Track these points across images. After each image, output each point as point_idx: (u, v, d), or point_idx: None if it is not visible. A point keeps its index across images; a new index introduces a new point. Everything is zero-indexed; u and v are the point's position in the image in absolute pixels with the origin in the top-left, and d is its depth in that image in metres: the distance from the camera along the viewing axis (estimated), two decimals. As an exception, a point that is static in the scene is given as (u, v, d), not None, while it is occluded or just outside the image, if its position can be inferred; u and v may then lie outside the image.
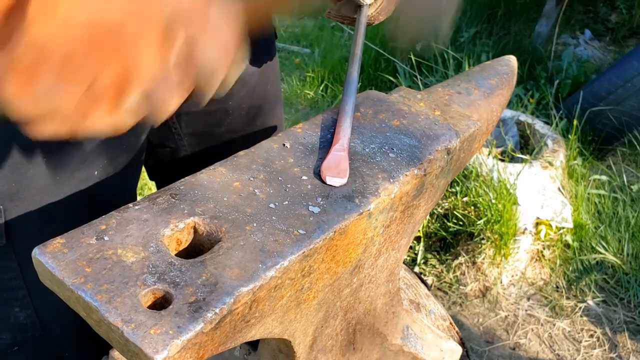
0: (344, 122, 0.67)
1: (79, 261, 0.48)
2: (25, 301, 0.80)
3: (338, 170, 0.61)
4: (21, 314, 0.81)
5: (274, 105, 1.10)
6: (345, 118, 0.67)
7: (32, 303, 0.81)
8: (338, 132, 0.66)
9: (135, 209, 0.54)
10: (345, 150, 0.63)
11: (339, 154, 0.63)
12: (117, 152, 0.82)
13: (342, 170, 0.61)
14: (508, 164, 2.08)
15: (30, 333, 0.83)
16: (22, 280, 0.79)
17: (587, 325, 1.91)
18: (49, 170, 0.74)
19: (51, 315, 0.83)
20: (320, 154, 0.64)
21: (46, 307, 0.82)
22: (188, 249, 0.54)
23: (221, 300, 0.46)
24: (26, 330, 0.82)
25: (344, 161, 0.62)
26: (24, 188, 0.74)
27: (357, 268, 0.65)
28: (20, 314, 0.81)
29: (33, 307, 0.81)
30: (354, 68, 0.73)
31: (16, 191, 0.73)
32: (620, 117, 2.48)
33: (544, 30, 3.16)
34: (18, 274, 0.78)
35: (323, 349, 0.69)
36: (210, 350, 0.47)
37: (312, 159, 0.63)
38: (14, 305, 0.80)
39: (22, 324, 0.82)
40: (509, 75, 0.89)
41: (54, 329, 0.84)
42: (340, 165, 0.61)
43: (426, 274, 2.06)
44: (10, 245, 0.76)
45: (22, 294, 0.80)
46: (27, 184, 0.73)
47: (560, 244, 2.07)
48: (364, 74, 3.04)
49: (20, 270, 0.78)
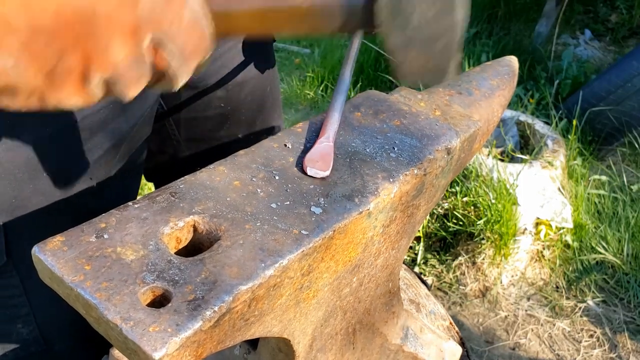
0: (331, 116, 0.67)
1: (78, 259, 0.48)
2: (28, 318, 0.80)
3: (321, 162, 0.61)
4: (24, 330, 0.80)
5: (273, 109, 1.09)
6: (333, 113, 0.68)
7: (34, 319, 0.80)
8: (325, 125, 0.66)
9: (135, 207, 0.54)
10: (330, 142, 0.63)
11: (323, 145, 0.63)
12: (117, 162, 0.82)
13: (326, 162, 0.61)
14: (508, 164, 2.08)
15: (34, 348, 0.82)
16: (25, 297, 0.78)
17: (587, 325, 1.91)
18: (49, 185, 0.74)
19: (54, 330, 0.83)
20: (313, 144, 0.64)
21: (49, 321, 0.81)
22: (188, 248, 0.54)
23: (220, 299, 0.46)
24: (29, 345, 0.82)
25: (329, 153, 0.62)
26: (25, 204, 0.73)
27: (356, 267, 0.64)
28: (23, 330, 0.80)
29: (36, 323, 0.80)
30: (347, 68, 0.73)
31: (16, 207, 0.72)
32: (620, 117, 2.48)
33: (544, 30, 3.16)
34: (21, 291, 0.77)
35: (322, 348, 0.69)
36: (209, 349, 0.47)
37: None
38: (17, 322, 0.80)
39: (25, 340, 0.81)
40: (509, 75, 0.89)
41: (56, 342, 0.84)
42: (323, 157, 0.61)
43: (426, 274, 2.06)
44: (11, 263, 0.75)
45: (24, 311, 0.79)
46: (27, 200, 0.73)
47: (560, 244, 2.07)
48: (363, 74, 3.04)
49: (23, 287, 0.77)
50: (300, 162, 0.61)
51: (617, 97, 2.48)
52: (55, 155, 0.73)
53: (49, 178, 0.73)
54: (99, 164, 0.78)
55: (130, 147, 0.84)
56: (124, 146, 0.82)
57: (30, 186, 0.72)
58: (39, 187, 0.73)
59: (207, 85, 0.96)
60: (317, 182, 0.60)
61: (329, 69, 3.22)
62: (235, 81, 0.98)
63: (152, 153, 1.03)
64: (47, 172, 0.73)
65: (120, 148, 0.81)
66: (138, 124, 0.83)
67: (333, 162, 0.63)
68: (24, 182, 0.71)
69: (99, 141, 0.77)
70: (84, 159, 0.76)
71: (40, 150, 0.71)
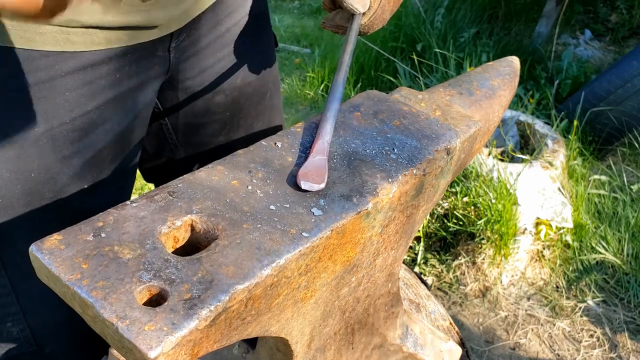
0: (323, 127, 0.66)
1: (75, 257, 0.47)
2: (17, 317, 0.80)
3: (315, 176, 0.59)
4: (14, 329, 0.80)
5: (273, 115, 1.08)
6: (325, 124, 0.66)
7: (25, 319, 0.80)
8: (318, 137, 0.65)
9: (132, 206, 0.53)
10: (324, 155, 0.62)
11: (317, 159, 0.62)
12: (108, 164, 0.81)
13: (320, 175, 0.60)
14: (508, 164, 2.08)
15: (25, 348, 0.82)
16: (14, 296, 0.78)
17: (587, 325, 1.91)
18: (40, 186, 0.73)
19: (45, 331, 0.83)
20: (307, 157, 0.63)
21: (39, 322, 0.81)
22: (185, 247, 0.54)
23: (216, 298, 0.46)
24: (20, 345, 0.82)
25: (322, 167, 0.61)
26: (13, 204, 0.72)
27: (355, 267, 0.64)
28: (13, 329, 0.80)
29: (26, 322, 0.80)
30: (340, 74, 0.71)
31: (4, 207, 0.72)
32: (620, 117, 2.48)
33: (544, 31, 3.16)
34: (9, 290, 0.77)
35: (321, 348, 0.69)
36: (205, 347, 0.47)
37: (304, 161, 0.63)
38: (6, 320, 0.79)
39: (15, 339, 0.81)
40: (511, 76, 0.89)
41: (48, 343, 0.84)
42: (317, 171, 0.60)
43: (426, 274, 2.05)
44: (0, 261, 0.75)
45: (14, 309, 0.79)
46: (15, 200, 0.72)
47: (560, 244, 2.07)
48: (364, 74, 3.04)
49: (11, 286, 0.77)
50: (293, 178, 0.60)
51: (617, 97, 2.48)
52: (45, 155, 0.72)
53: (38, 178, 0.73)
54: (91, 165, 0.78)
55: (124, 148, 0.83)
56: (116, 147, 0.81)
57: (18, 186, 0.72)
58: (27, 187, 0.72)
59: (206, 89, 0.95)
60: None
61: (329, 68, 3.22)
62: (235, 86, 0.97)
63: (149, 156, 1.03)
64: (35, 172, 0.72)
65: (113, 149, 0.80)
66: (131, 125, 0.82)
67: (332, 162, 0.63)
68: (10, 182, 0.71)
69: (90, 142, 0.76)
70: (74, 160, 0.76)
71: (28, 150, 0.71)
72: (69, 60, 0.71)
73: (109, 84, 0.76)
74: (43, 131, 0.71)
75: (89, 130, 0.75)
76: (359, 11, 0.77)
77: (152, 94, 0.85)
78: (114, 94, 0.77)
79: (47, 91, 0.70)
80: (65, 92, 0.71)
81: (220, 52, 0.93)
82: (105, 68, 0.74)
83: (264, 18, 1.01)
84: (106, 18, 0.70)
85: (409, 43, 3.12)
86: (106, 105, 0.76)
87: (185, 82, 0.92)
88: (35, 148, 0.71)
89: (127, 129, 0.81)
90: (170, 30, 0.81)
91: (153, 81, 0.83)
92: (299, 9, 4.42)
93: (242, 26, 0.94)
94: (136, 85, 0.80)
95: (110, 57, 0.74)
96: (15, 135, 0.69)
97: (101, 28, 0.71)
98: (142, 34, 0.76)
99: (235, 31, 0.93)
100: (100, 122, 0.76)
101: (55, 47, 0.69)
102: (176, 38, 0.83)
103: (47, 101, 0.70)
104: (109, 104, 0.76)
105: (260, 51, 1.01)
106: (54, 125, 0.72)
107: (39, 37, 0.67)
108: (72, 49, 0.70)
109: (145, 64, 0.80)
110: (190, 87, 0.93)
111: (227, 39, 0.93)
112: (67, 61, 0.70)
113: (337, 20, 0.80)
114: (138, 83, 0.80)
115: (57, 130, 0.72)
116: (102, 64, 0.74)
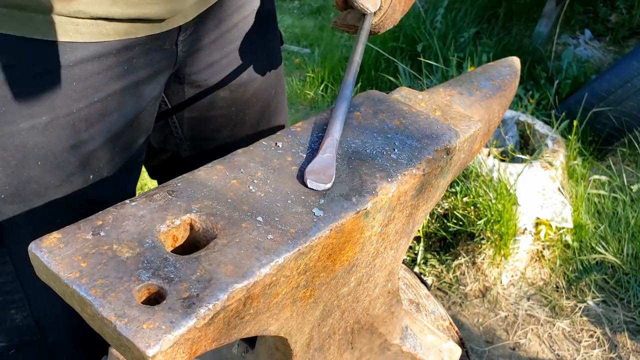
0: (333, 125, 0.66)
1: (74, 256, 0.47)
2: (21, 304, 0.80)
3: (322, 175, 0.60)
4: (17, 316, 0.80)
5: (278, 112, 1.09)
6: (335, 122, 0.66)
7: (28, 306, 0.80)
8: (327, 135, 0.65)
9: (132, 205, 0.53)
10: (332, 154, 0.63)
11: (325, 156, 0.62)
12: (114, 155, 0.82)
13: (327, 175, 0.60)
14: (508, 164, 2.08)
15: (28, 337, 0.82)
16: (18, 283, 0.78)
17: (587, 325, 1.91)
18: (45, 174, 0.74)
19: (48, 320, 0.83)
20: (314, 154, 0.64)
21: (43, 311, 0.81)
22: (184, 246, 0.54)
23: (214, 297, 0.46)
24: (23, 333, 0.82)
25: (330, 165, 0.61)
26: (19, 192, 0.73)
27: (354, 267, 0.64)
28: (16, 317, 0.80)
29: (30, 310, 0.81)
30: (350, 73, 0.72)
31: (11, 194, 0.72)
32: (620, 117, 2.48)
33: (544, 31, 3.16)
34: (14, 277, 0.78)
35: (320, 348, 0.69)
36: (203, 346, 0.47)
37: (310, 159, 0.63)
38: (10, 307, 0.80)
39: (18, 327, 0.81)
40: (511, 76, 0.89)
41: (51, 334, 0.84)
42: (325, 170, 0.60)
43: (426, 274, 2.05)
44: (5, 248, 0.75)
45: (18, 296, 0.79)
46: (22, 188, 0.73)
47: (560, 244, 2.07)
48: (364, 74, 3.04)
49: (16, 274, 0.77)
50: (301, 174, 0.61)
51: (617, 97, 2.48)
52: (50, 144, 0.73)
53: (44, 166, 0.73)
54: (96, 156, 0.78)
55: (129, 141, 0.83)
56: (122, 140, 0.81)
57: (24, 174, 0.72)
58: (34, 174, 0.73)
59: (211, 84, 0.95)
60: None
61: (329, 69, 3.22)
62: (240, 82, 0.97)
63: (154, 150, 1.03)
64: (41, 160, 0.73)
65: (119, 142, 0.81)
66: (137, 119, 0.83)
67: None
68: (17, 168, 0.71)
69: (95, 133, 0.77)
70: (80, 149, 0.76)
71: (35, 138, 0.71)
72: (78, 51, 0.71)
73: (116, 76, 0.76)
74: (50, 120, 0.71)
75: (95, 120, 0.76)
76: (370, 11, 0.78)
77: (159, 87, 0.85)
78: (122, 85, 0.77)
79: (54, 81, 0.71)
80: (72, 82, 0.72)
81: (227, 47, 0.93)
82: (113, 59, 0.75)
83: (272, 16, 1.02)
84: (114, 10, 0.70)
85: (409, 43, 3.12)
86: (113, 96, 0.77)
87: (192, 76, 0.92)
88: (42, 137, 0.72)
89: (134, 121, 0.82)
90: (178, 24, 0.81)
91: (160, 74, 0.84)
92: (299, 9, 4.42)
93: (249, 22, 0.95)
94: (144, 78, 0.80)
95: (118, 49, 0.75)
96: (22, 124, 0.69)
97: (109, 20, 0.71)
98: (150, 27, 0.77)
99: (242, 27, 0.94)
100: (107, 113, 0.77)
101: (63, 37, 0.69)
102: (184, 32, 0.84)
103: (54, 90, 0.71)
104: (116, 95, 0.77)
105: (267, 49, 1.01)
106: (61, 115, 0.72)
107: (48, 27, 0.68)
108: (81, 39, 0.71)
109: (152, 57, 0.80)
110: (196, 81, 0.93)
111: (234, 34, 0.93)
112: (75, 52, 0.71)
113: (349, 19, 0.81)
114: (145, 76, 0.81)
115: (64, 119, 0.73)
116: (109, 56, 0.74)
